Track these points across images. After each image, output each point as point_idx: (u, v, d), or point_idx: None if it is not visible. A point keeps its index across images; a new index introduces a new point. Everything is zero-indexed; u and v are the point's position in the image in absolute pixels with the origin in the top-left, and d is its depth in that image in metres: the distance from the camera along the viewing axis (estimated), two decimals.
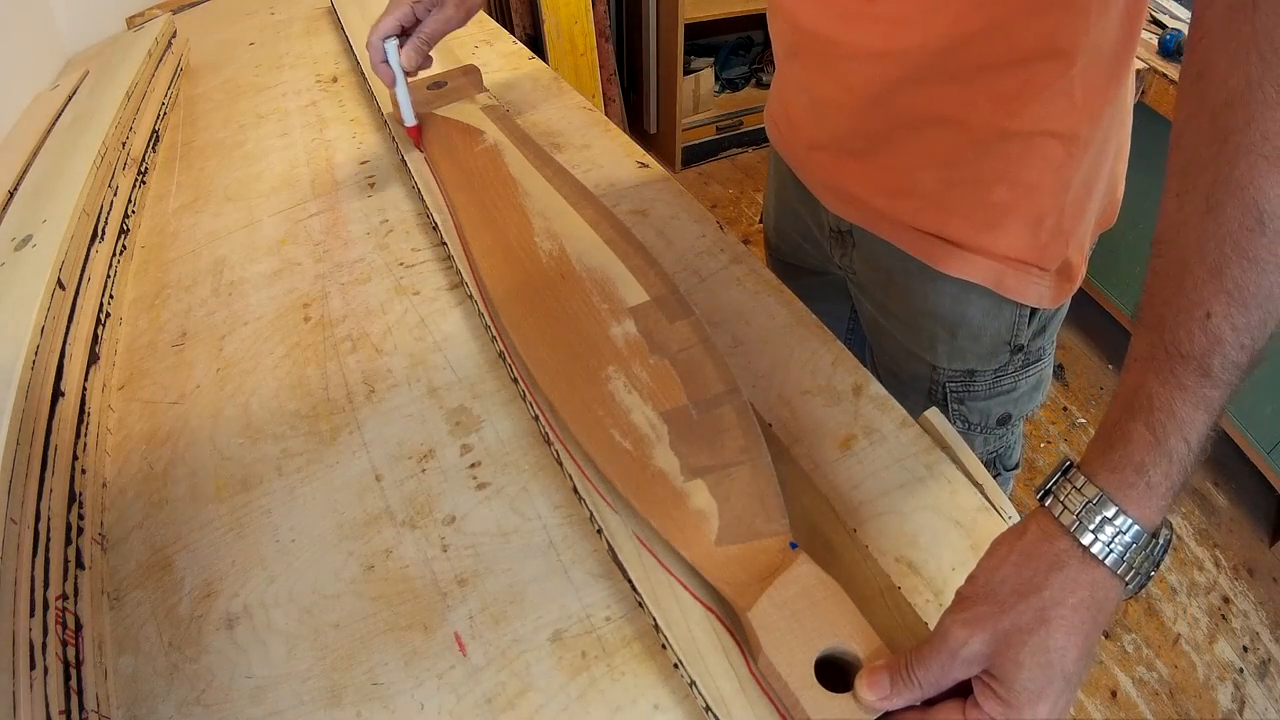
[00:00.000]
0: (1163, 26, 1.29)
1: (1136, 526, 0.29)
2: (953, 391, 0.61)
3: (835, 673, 0.33)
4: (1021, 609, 0.29)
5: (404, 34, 0.63)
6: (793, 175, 0.65)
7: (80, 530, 0.43)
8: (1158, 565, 0.30)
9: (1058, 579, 0.29)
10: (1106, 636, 1.24)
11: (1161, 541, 0.30)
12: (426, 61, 0.66)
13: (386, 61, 0.63)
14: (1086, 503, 0.29)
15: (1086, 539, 0.29)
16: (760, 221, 0.87)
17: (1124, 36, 0.45)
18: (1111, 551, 0.29)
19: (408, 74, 0.64)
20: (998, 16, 0.42)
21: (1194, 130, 0.30)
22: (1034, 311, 0.55)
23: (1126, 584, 0.29)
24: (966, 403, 0.61)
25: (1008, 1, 0.41)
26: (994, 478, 0.67)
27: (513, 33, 1.15)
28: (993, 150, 0.48)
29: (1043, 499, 0.31)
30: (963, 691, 0.31)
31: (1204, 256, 0.28)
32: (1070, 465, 0.31)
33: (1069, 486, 0.30)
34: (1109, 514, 0.29)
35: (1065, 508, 0.30)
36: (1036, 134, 0.47)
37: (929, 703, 0.31)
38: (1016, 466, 0.69)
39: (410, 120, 0.66)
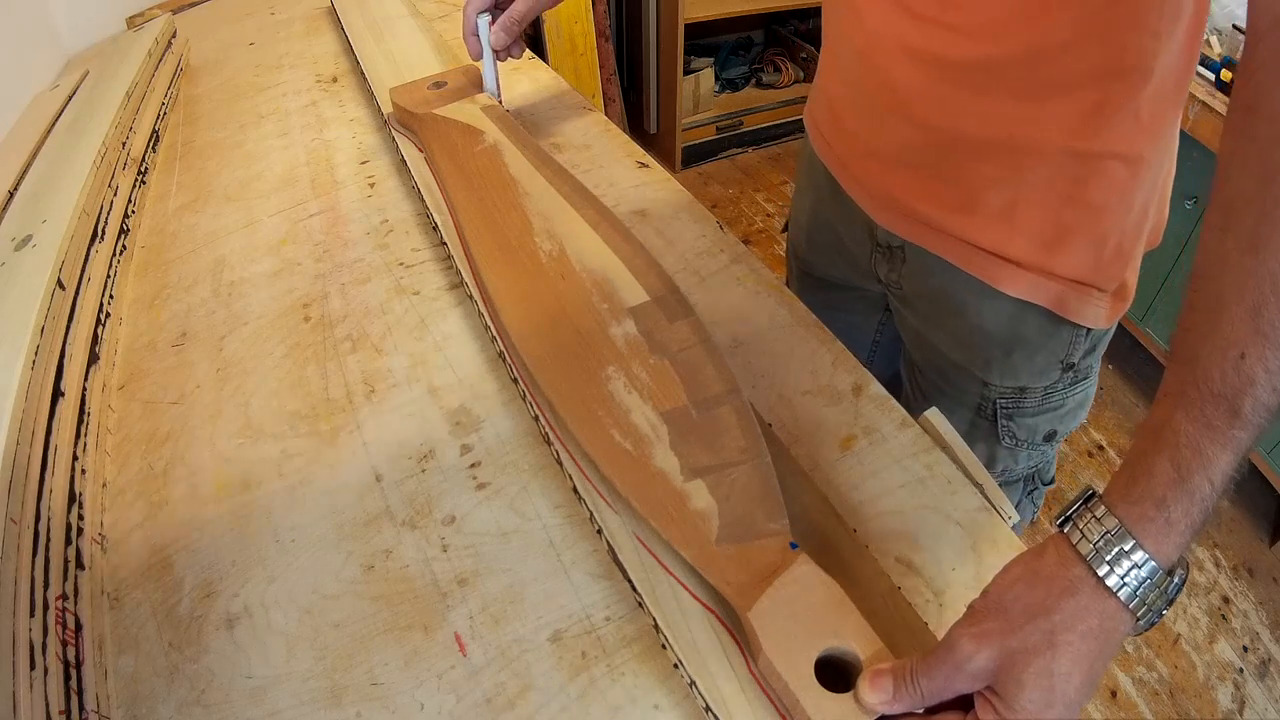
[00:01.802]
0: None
1: (1153, 563, 0.29)
2: (1002, 408, 0.60)
3: (835, 673, 0.33)
4: (1030, 630, 0.29)
5: (497, 9, 0.64)
6: (834, 186, 0.63)
7: (80, 530, 0.43)
8: (1170, 603, 0.30)
9: (1069, 605, 0.29)
10: None
11: (1176, 580, 0.30)
12: (516, 45, 0.67)
13: (476, 35, 0.65)
14: (1105, 534, 0.29)
15: (1102, 570, 0.29)
16: (783, 231, 0.84)
17: (1185, 59, 0.45)
18: (1126, 585, 0.29)
19: (495, 53, 0.66)
20: (1073, 35, 0.42)
21: (1240, 164, 0.30)
22: (1088, 330, 0.55)
23: (1138, 619, 0.29)
24: (1015, 419, 0.61)
25: (1083, 21, 0.41)
26: (1030, 493, 0.67)
27: None
28: (1061, 170, 0.48)
29: (1062, 525, 0.31)
30: (963, 703, 0.31)
31: (1243, 296, 0.28)
32: (1092, 494, 0.31)
33: (1089, 515, 0.30)
34: (1126, 547, 0.29)
35: (1084, 536, 0.30)
36: (1105, 155, 0.47)
37: (929, 710, 0.31)
38: (1051, 482, 0.69)
39: (494, 92, 0.68)
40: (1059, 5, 0.41)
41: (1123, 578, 0.29)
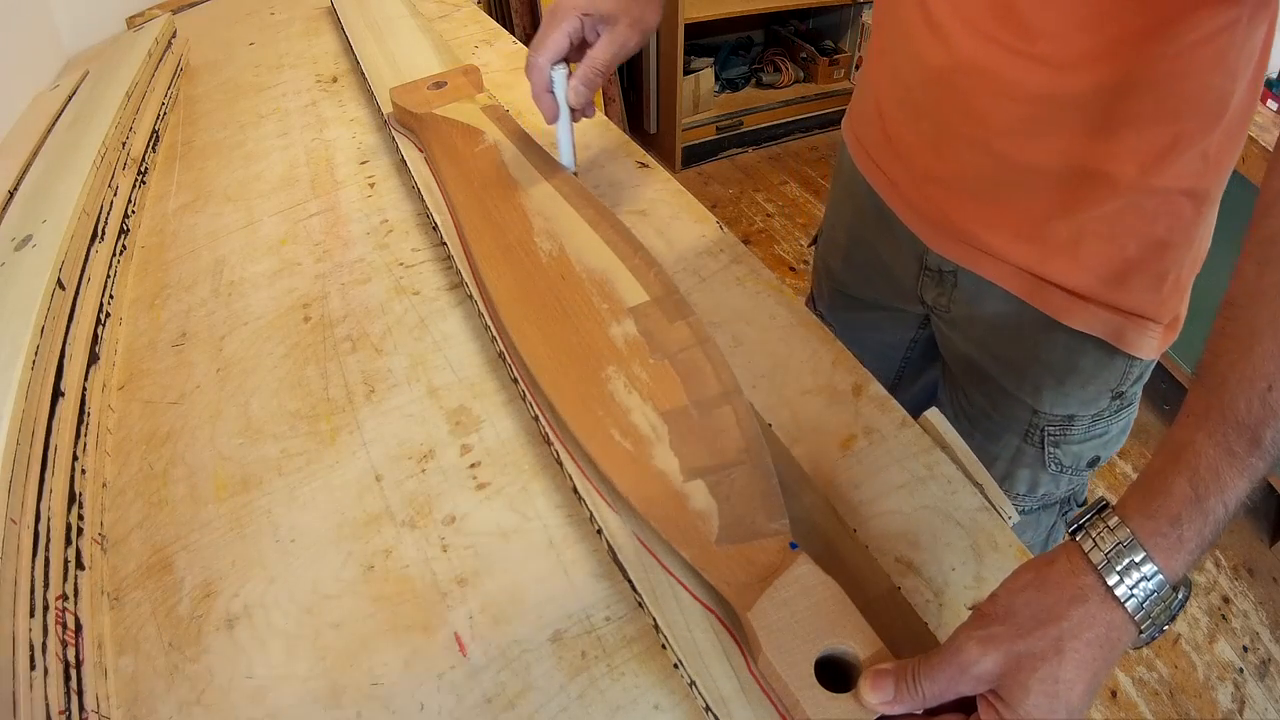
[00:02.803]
0: None
1: (1160, 576, 0.29)
2: (1049, 435, 0.60)
3: (835, 673, 0.33)
4: (1039, 635, 0.29)
5: (570, 56, 0.55)
6: (878, 206, 0.62)
7: (80, 530, 0.43)
8: (1172, 619, 0.30)
9: (1078, 613, 0.29)
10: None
11: (1180, 596, 0.30)
12: (590, 105, 0.57)
13: (551, 91, 0.54)
14: (1118, 544, 0.30)
15: (1112, 579, 0.29)
16: (810, 244, 0.83)
17: (1250, 96, 0.45)
18: (1133, 596, 0.29)
19: (573, 112, 0.55)
20: (1160, 73, 0.41)
21: None
22: (1138, 360, 0.55)
23: (1141, 631, 0.30)
24: (1062, 446, 0.60)
25: (1173, 58, 0.41)
26: (1065, 514, 0.67)
27: (513, 33, 1.15)
28: (1132, 205, 0.47)
29: (1074, 533, 0.32)
30: (962, 705, 0.31)
31: (1276, 329, 0.29)
32: (1105, 504, 0.32)
33: (1102, 525, 0.31)
34: (1137, 559, 0.29)
35: (1096, 545, 0.30)
36: (1174, 192, 0.47)
37: (929, 711, 0.31)
38: (1084, 503, 0.69)
39: (570, 164, 0.57)
40: (1152, 43, 0.41)
41: (1131, 589, 0.29)
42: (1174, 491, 0.30)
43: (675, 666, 0.36)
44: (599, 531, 0.41)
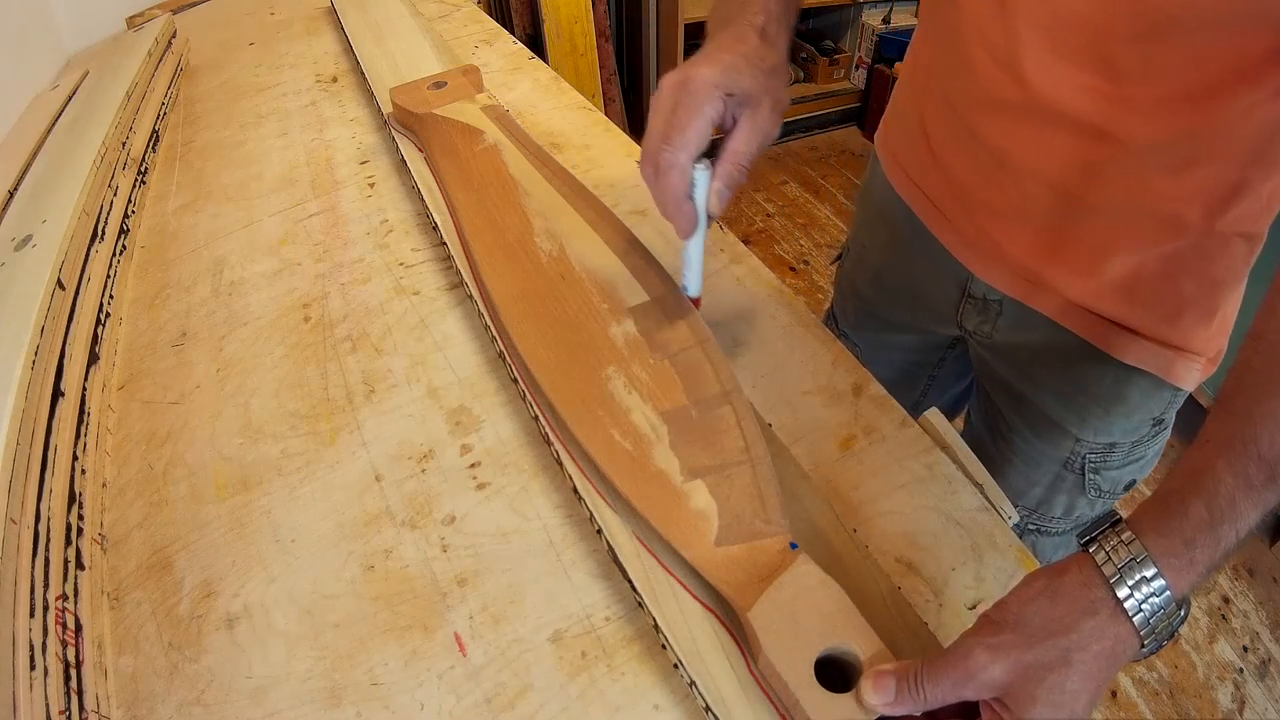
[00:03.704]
0: None
1: (1169, 593, 0.30)
2: (1090, 462, 0.60)
3: (835, 673, 0.33)
4: (1048, 646, 0.29)
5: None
6: (916, 229, 0.60)
7: (80, 530, 0.43)
8: (1172, 634, 0.31)
9: (1088, 624, 0.30)
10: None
11: (1182, 614, 0.31)
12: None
13: (692, 197, 0.41)
14: (1130, 559, 0.30)
15: (1122, 592, 0.30)
16: (833, 262, 0.80)
17: None
18: (1142, 610, 0.30)
19: (710, 218, 0.43)
20: (1236, 117, 0.41)
21: None
22: (1182, 389, 0.55)
23: (1143, 645, 0.30)
24: (1102, 472, 0.60)
25: (1254, 106, 0.40)
26: None
27: (513, 33, 1.15)
28: (1193, 246, 0.47)
29: (1086, 545, 0.32)
30: (962, 710, 0.31)
31: None
32: (1119, 519, 0.32)
33: (1116, 539, 0.31)
34: (1148, 574, 0.30)
35: (1109, 558, 0.31)
36: (1233, 234, 0.47)
37: (929, 715, 0.31)
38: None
39: (697, 288, 0.47)
40: (1236, 86, 0.40)
41: (1140, 603, 0.30)
42: (1190, 514, 0.30)
43: (675, 666, 0.36)
44: (599, 531, 0.41)
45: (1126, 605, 0.30)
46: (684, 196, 0.41)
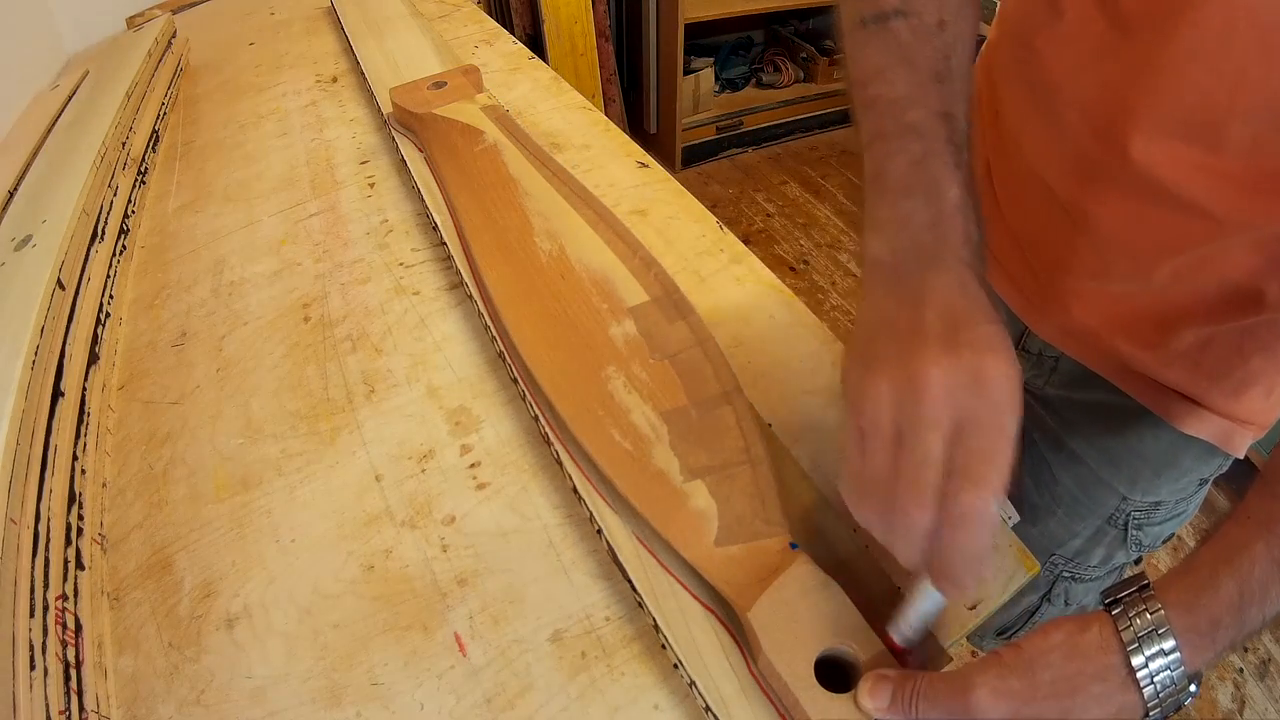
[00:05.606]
0: None
1: (1183, 668, 0.29)
2: (1135, 519, 0.60)
3: (835, 673, 0.33)
4: (1051, 704, 0.29)
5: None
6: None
7: (80, 530, 0.43)
8: (1177, 709, 0.30)
9: (1095, 689, 0.29)
10: None
11: (1191, 690, 0.30)
12: None
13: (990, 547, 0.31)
14: (1152, 629, 0.30)
15: (1137, 660, 0.29)
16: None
17: None
18: (1153, 683, 0.29)
19: None
20: None
21: None
22: (1232, 455, 0.55)
23: (1148, 715, 0.30)
24: (1144, 528, 0.60)
25: None
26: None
27: (513, 33, 1.15)
28: (1267, 321, 0.47)
29: (1110, 606, 0.31)
30: None
31: None
32: (1147, 584, 0.32)
33: (1141, 605, 0.30)
34: (1166, 646, 0.29)
35: (1131, 623, 0.30)
36: None
37: None
38: (1139, 562, 0.68)
39: (917, 638, 0.34)
40: None
41: (1153, 675, 0.29)
42: (1221, 594, 0.30)
43: (675, 666, 0.36)
44: (599, 531, 0.41)
45: (1139, 675, 0.29)
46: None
